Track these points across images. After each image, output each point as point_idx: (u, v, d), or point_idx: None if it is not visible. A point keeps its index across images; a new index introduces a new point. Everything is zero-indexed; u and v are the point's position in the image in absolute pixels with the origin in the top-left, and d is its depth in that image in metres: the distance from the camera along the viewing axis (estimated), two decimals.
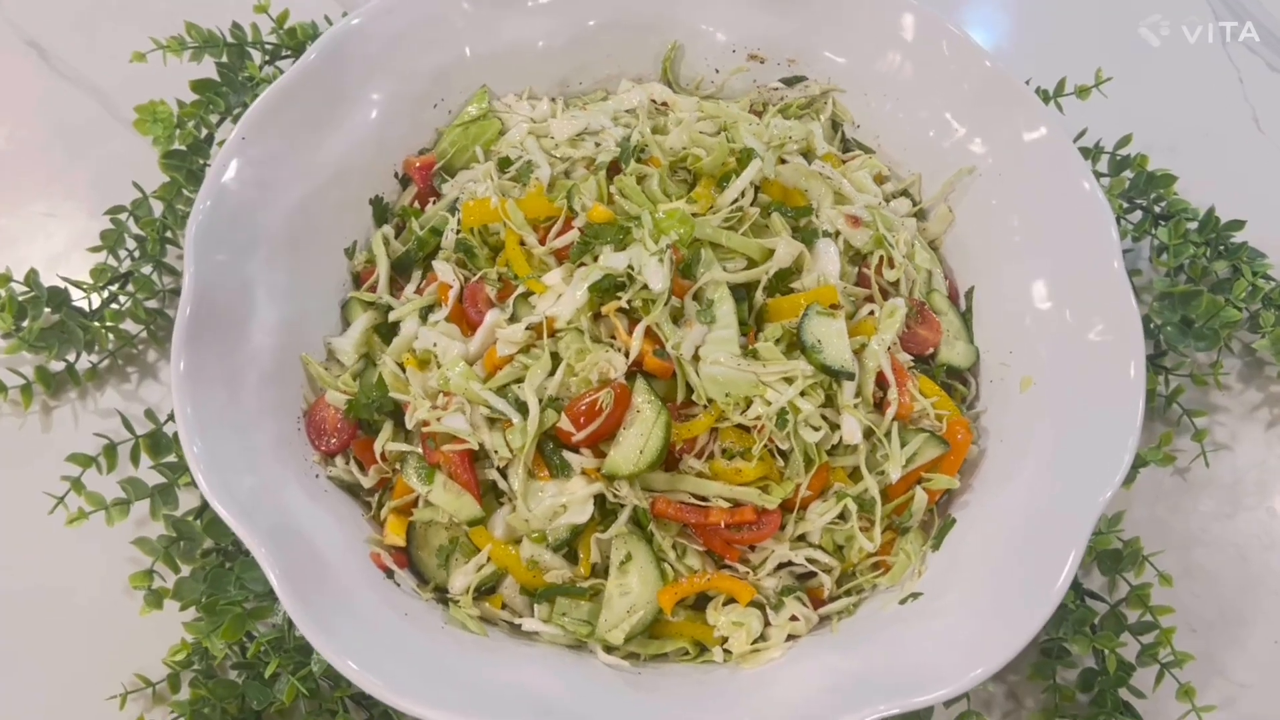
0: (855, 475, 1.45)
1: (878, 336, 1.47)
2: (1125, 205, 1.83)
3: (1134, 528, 1.66)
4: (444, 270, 1.53)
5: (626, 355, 1.40)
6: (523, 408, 1.40)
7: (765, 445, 1.39)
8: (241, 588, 1.46)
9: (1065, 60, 1.88)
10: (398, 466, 1.45)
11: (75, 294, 1.72)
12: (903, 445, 1.44)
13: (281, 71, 1.69)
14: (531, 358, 1.44)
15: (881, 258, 1.56)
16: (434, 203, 1.64)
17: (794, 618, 1.40)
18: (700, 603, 1.43)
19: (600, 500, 1.39)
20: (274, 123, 1.49)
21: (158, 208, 1.77)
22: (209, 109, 1.79)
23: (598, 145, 1.61)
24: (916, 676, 1.24)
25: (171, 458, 1.61)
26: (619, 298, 1.42)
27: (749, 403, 1.40)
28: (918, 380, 1.49)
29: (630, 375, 1.41)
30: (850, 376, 1.42)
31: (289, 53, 1.89)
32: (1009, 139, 1.56)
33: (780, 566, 1.43)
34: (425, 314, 1.53)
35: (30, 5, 2.11)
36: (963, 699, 1.50)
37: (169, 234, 1.76)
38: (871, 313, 1.52)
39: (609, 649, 1.39)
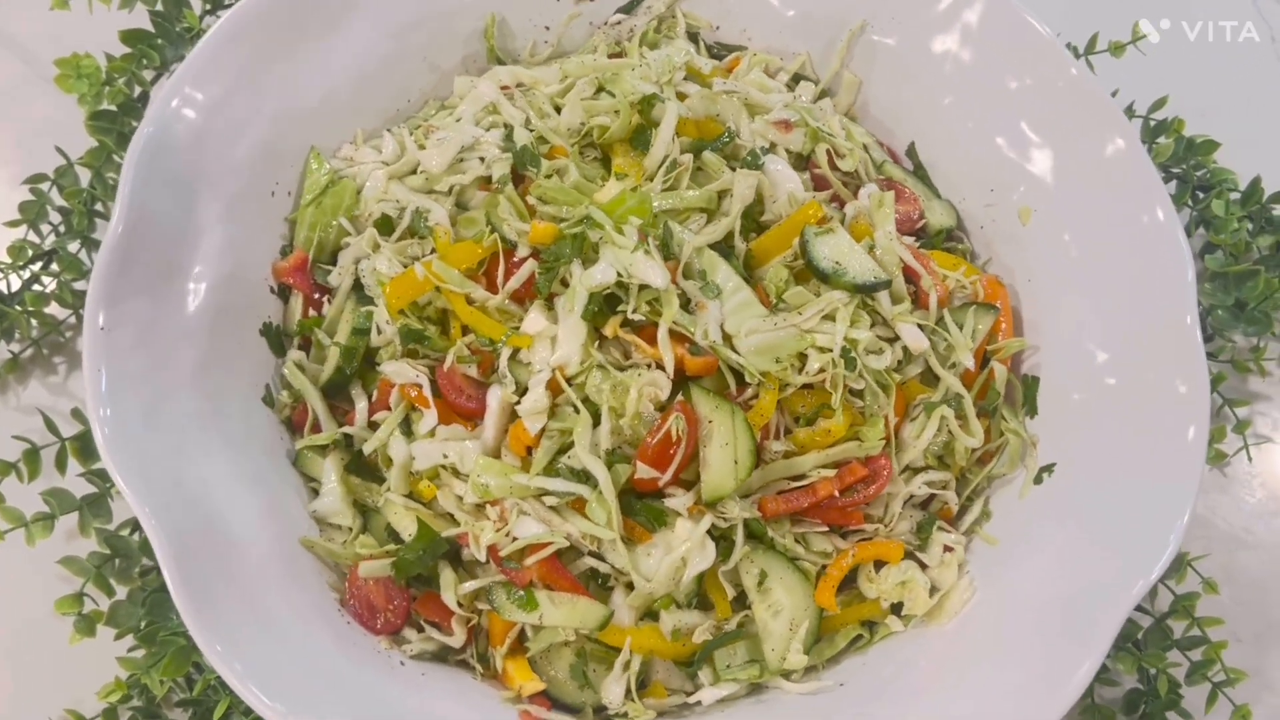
0: (925, 379, 1.33)
1: (881, 230, 1.35)
2: (1162, 175, 1.57)
3: None
4: (399, 370, 1.27)
5: (662, 369, 1.22)
6: (582, 476, 1.20)
7: (841, 394, 1.25)
8: None
9: (1091, 17, 1.69)
10: (479, 606, 1.22)
11: None
12: (960, 328, 1.33)
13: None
14: (561, 419, 1.22)
15: (828, 151, 1.42)
16: (329, 302, 1.36)
17: (948, 548, 1.29)
18: (842, 583, 1.29)
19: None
20: (123, 292, 1.18)
21: (85, 176, 1.57)
22: (141, 63, 1.57)
23: (483, 160, 1.37)
24: (1119, 557, 1.16)
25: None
26: (620, 312, 1.23)
27: (803, 359, 1.25)
28: (931, 258, 1.39)
29: (675, 388, 1.23)
30: (887, 284, 1.29)
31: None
32: None
33: (904, 505, 1.31)
34: (404, 429, 1.28)
35: None
36: None
37: (98, 206, 1.55)
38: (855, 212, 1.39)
39: (788, 675, 1.24)
